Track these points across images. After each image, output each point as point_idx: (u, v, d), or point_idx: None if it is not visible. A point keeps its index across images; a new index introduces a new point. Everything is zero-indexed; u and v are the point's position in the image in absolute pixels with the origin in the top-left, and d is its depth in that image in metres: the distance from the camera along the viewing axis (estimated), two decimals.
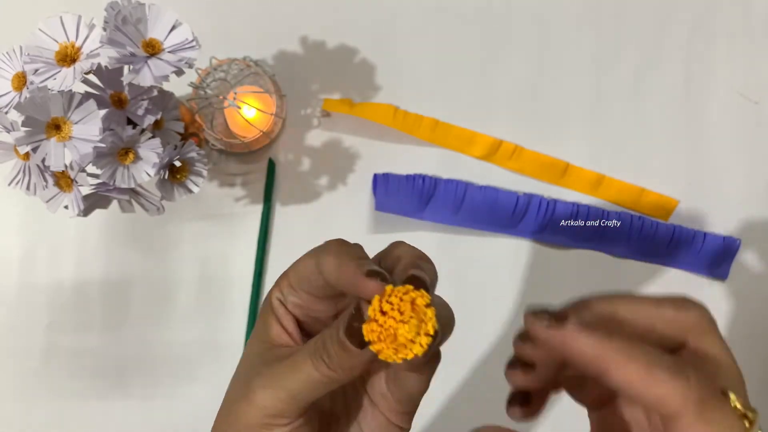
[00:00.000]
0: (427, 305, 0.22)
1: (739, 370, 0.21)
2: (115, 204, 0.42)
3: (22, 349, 0.55)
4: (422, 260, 0.25)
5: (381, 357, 0.22)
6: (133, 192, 0.42)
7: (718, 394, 0.20)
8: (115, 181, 0.38)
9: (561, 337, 0.20)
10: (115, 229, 0.56)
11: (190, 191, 0.43)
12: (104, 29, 0.37)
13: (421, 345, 0.22)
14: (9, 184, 0.40)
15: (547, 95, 0.58)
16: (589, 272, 0.57)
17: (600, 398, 0.25)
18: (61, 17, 0.38)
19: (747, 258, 0.58)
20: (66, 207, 0.40)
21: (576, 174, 0.57)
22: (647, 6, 0.59)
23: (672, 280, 0.58)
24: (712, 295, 0.58)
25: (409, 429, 0.26)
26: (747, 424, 0.19)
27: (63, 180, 0.39)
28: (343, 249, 0.25)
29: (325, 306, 0.28)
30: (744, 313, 0.58)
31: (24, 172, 0.40)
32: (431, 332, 0.22)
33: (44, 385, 0.55)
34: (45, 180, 0.39)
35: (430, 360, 0.25)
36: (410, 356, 0.22)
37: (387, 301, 0.22)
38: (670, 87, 0.59)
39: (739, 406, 0.20)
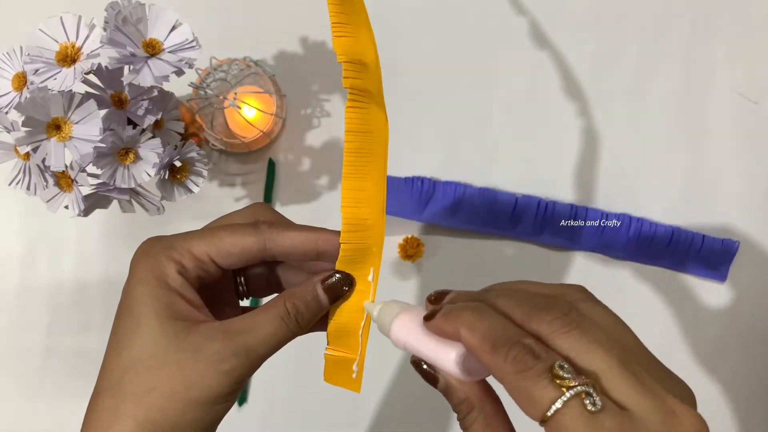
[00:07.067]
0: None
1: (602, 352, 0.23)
2: (115, 204, 0.42)
3: (22, 349, 0.55)
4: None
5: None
6: (133, 192, 0.42)
7: (538, 367, 0.22)
8: (115, 181, 0.38)
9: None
10: (116, 229, 0.56)
11: (191, 191, 0.43)
12: (104, 29, 0.37)
13: None
14: (9, 184, 0.40)
15: (546, 95, 0.58)
16: (588, 274, 0.57)
17: None
18: (61, 17, 0.38)
19: (746, 260, 0.58)
20: (66, 207, 0.40)
21: None
22: (647, 7, 0.59)
23: (670, 282, 0.58)
24: (710, 297, 0.58)
25: None
26: (564, 390, 0.21)
27: (63, 180, 0.39)
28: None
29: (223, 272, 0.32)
30: (743, 315, 0.58)
31: (24, 172, 0.40)
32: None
33: (45, 385, 0.55)
34: (45, 180, 0.39)
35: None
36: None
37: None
38: (670, 87, 0.59)
39: (560, 379, 0.22)
